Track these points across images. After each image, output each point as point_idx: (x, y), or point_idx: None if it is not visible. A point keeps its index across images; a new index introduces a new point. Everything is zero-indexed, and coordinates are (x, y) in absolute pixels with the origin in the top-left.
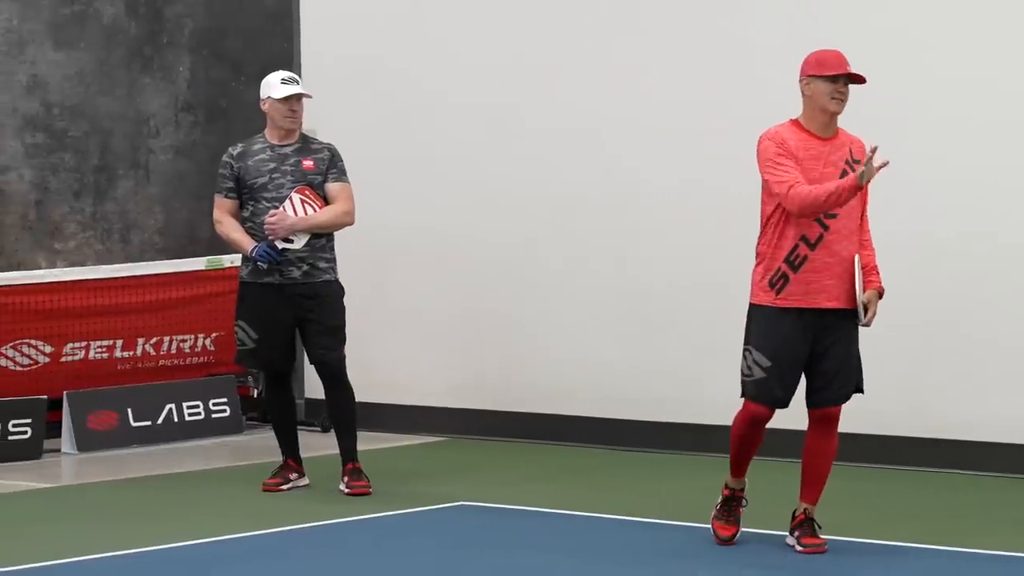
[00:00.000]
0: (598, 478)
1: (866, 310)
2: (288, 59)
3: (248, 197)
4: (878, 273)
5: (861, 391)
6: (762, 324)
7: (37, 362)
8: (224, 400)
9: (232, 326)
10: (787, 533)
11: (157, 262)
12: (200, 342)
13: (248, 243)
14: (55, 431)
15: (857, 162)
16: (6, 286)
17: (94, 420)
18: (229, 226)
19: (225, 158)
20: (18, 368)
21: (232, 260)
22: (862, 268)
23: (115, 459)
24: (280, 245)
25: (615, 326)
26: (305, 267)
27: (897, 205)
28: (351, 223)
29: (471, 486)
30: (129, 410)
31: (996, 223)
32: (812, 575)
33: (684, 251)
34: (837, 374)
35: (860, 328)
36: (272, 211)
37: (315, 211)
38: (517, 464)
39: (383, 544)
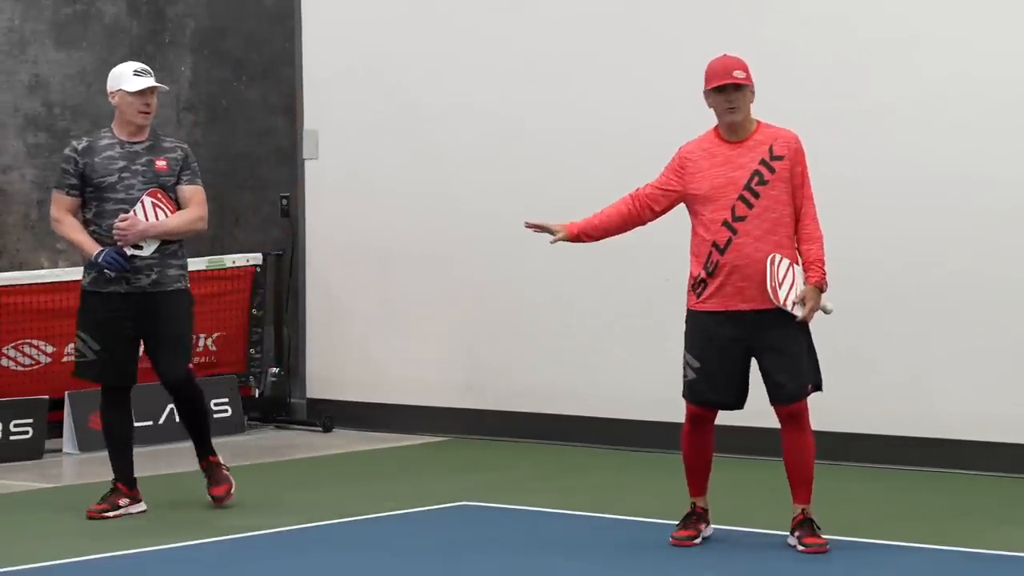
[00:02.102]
0: (601, 478)
1: (805, 305)
2: (290, 59)
3: (93, 196)
4: (821, 267)
5: (819, 389)
6: (690, 327)
7: (39, 362)
8: (226, 400)
9: (233, 325)
10: (788, 533)
11: None
12: (202, 342)
13: (92, 247)
14: (56, 431)
15: (777, 159)
16: (8, 286)
17: (95, 420)
18: (70, 226)
19: (68, 152)
20: (20, 368)
21: (234, 260)
22: (790, 265)
23: None
24: (128, 251)
25: (618, 326)
26: (154, 275)
27: (901, 206)
28: (204, 228)
29: (473, 486)
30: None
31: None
32: (816, 575)
33: (685, 251)
34: (779, 373)
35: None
36: (123, 215)
37: (167, 215)
38: (519, 464)
39: (385, 544)
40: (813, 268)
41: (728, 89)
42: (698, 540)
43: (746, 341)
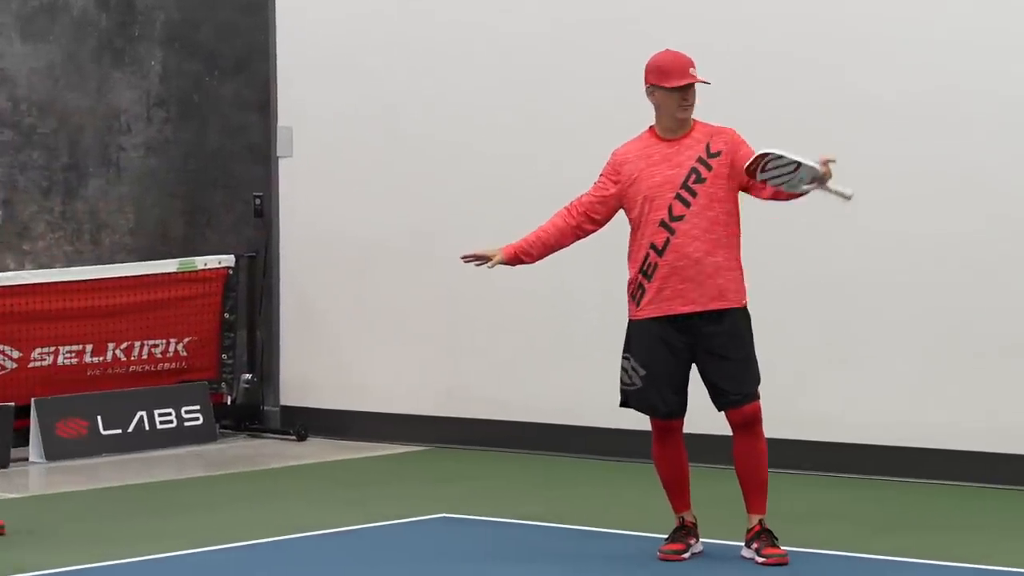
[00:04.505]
0: (587, 489)
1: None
2: (264, 53)
3: None
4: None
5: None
6: (633, 334)
7: (4, 367)
8: (197, 407)
9: (204, 330)
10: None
11: (128, 264)
12: (172, 347)
13: None
14: (23, 439)
15: (714, 156)
16: None
17: (63, 428)
18: None
19: None
20: None
21: (206, 262)
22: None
23: (85, 468)
24: None
25: (602, 333)
26: None
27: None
28: None
29: (453, 497)
30: (99, 417)
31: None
32: None
33: None
34: (723, 380)
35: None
36: None
37: None
38: (502, 475)
39: (363, 557)
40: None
41: (686, 88)
42: (687, 555)
43: (689, 347)
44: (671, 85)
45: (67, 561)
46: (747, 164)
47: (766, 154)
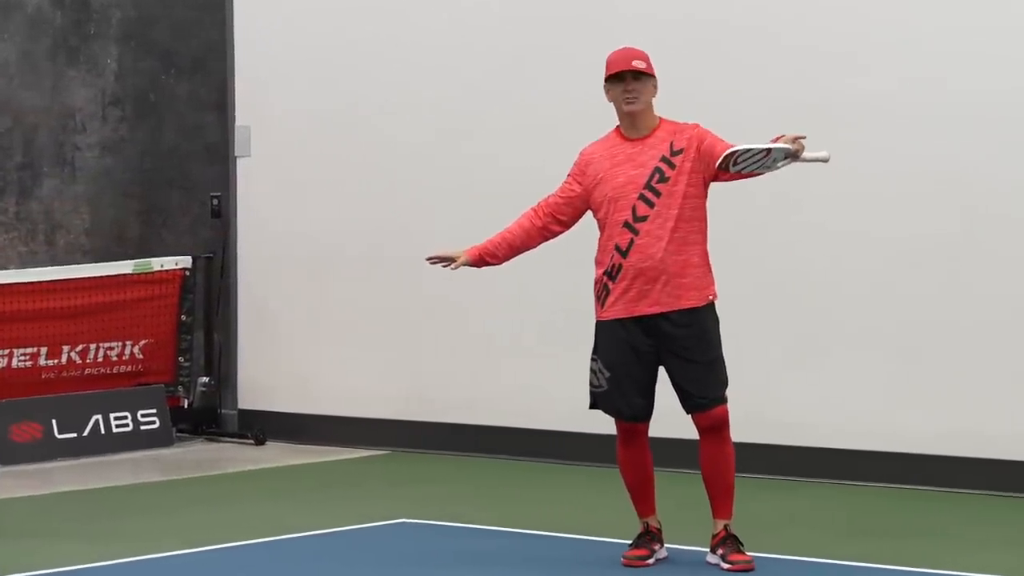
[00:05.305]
0: (549, 494)
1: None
2: (221, 51)
3: None
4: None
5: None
6: (599, 336)
7: None
8: (153, 411)
9: (161, 332)
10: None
11: (83, 265)
12: (128, 350)
13: None
14: None
15: (677, 153)
16: None
17: (17, 431)
18: None
19: None
20: None
21: (162, 263)
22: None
23: (39, 472)
24: None
25: (563, 336)
26: None
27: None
28: None
29: (413, 502)
30: (54, 421)
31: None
32: None
33: None
34: (689, 383)
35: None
36: None
37: None
38: (462, 479)
39: (320, 563)
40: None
41: (627, 78)
42: (651, 560)
43: (655, 349)
44: (608, 73)
45: (21, 567)
46: (718, 163)
47: (734, 151)
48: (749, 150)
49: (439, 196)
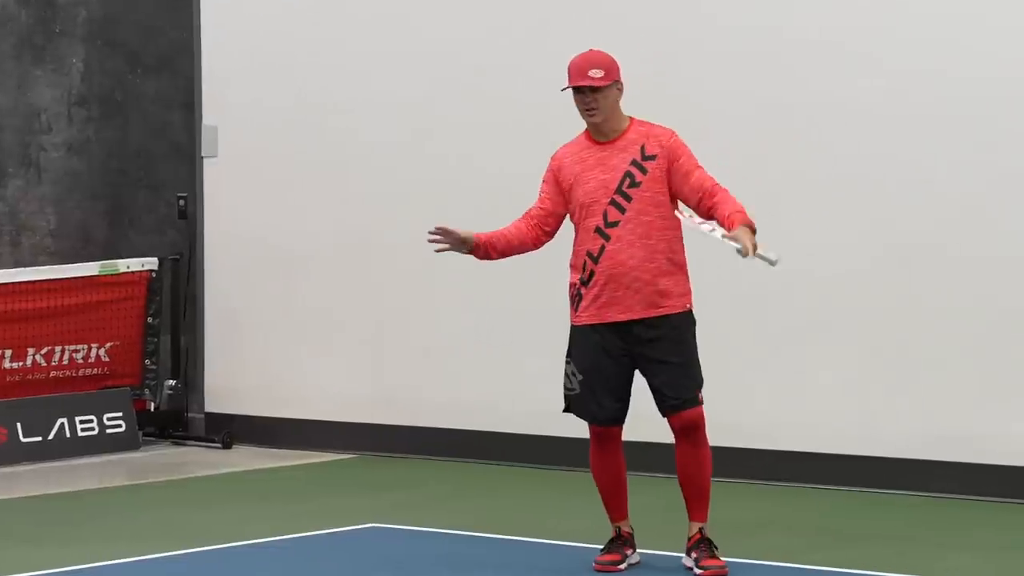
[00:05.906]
0: (519, 498)
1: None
2: (188, 50)
3: None
4: (742, 214)
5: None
6: (572, 340)
7: None
8: (119, 415)
9: (127, 335)
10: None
11: (48, 267)
12: (94, 352)
13: None
14: None
15: (649, 159)
16: None
17: None
18: None
19: None
20: None
21: (128, 265)
22: (702, 222)
23: (3, 477)
24: None
25: (535, 337)
26: None
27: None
28: None
29: (383, 506)
30: (18, 425)
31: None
32: None
33: None
34: (664, 385)
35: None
36: None
37: None
38: (432, 483)
39: (291, 567)
40: (732, 217)
41: (584, 91)
42: (623, 566)
43: (629, 353)
44: (566, 86)
45: None
46: (678, 208)
47: (684, 222)
48: (699, 225)
49: (408, 197)
